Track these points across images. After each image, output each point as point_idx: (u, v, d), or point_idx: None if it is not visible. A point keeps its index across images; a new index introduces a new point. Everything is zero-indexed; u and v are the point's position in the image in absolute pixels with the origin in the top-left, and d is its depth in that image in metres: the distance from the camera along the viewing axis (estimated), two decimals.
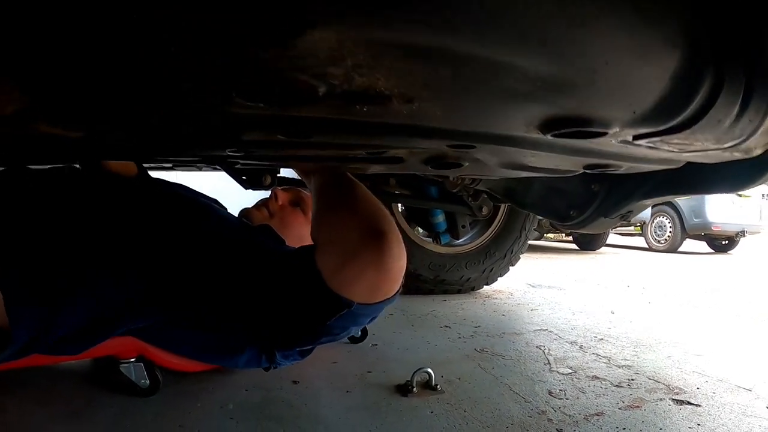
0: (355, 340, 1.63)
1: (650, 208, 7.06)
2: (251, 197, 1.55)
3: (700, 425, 1.12)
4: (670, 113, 0.51)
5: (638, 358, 1.60)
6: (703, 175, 1.10)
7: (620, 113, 0.50)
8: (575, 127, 0.51)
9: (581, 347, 1.69)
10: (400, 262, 0.96)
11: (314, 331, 1.05)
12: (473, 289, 2.70)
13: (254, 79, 0.46)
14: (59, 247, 0.95)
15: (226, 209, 1.38)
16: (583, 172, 1.17)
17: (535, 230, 7.92)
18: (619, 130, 0.53)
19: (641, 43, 0.41)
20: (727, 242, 8.00)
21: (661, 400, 1.25)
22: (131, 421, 1.02)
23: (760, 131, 0.59)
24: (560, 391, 1.27)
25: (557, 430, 1.05)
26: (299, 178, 1.23)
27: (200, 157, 0.99)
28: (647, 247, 7.92)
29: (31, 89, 0.51)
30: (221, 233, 1.16)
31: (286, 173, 1.38)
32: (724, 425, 1.12)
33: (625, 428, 1.08)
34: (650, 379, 1.40)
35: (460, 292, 2.64)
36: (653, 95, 0.48)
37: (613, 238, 8.54)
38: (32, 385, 1.19)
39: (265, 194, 1.56)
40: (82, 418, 1.03)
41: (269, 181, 1.78)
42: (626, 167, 0.84)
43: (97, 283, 0.94)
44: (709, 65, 0.47)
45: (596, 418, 1.12)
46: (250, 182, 1.96)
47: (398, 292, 1.02)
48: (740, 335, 2.04)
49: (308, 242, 1.07)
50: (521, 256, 2.73)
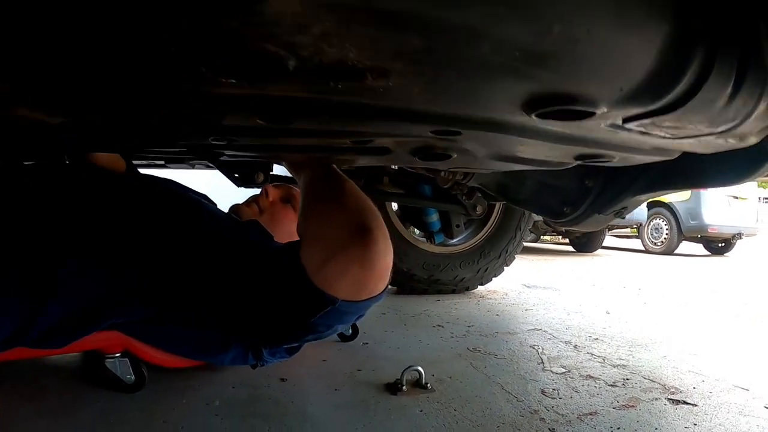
0: (345, 338, 1.60)
1: (647, 210, 7.06)
2: (245, 196, 1.54)
3: (696, 425, 1.09)
4: (659, 91, 0.49)
5: (633, 357, 1.58)
6: (699, 168, 1.08)
7: (606, 90, 0.48)
8: (560, 104, 0.49)
9: (575, 347, 1.67)
10: (386, 258, 0.94)
11: (299, 328, 1.03)
12: (468, 289, 2.67)
13: (222, 50, 0.44)
14: (44, 240, 0.94)
15: (215, 205, 1.37)
16: (576, 165, 1.16)
17: (531, 232, 7.96)
18: (606, 110, 0.51)
19: (626, 10, 0.39)
20: (723, 244, 8.00)
21: (656, 399, 1.23)
22: (116, 416, 1.01)
23: (754, 115, 0.57)
24: (553, 390, 1.24)
25: (549, 429, 1.02)
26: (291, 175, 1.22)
27: (185, 147, 0.97)
28: (644, 249, 7.91)
29: (10, 74, 0.50)
30: (208, 228, 1.14)
31: (278, 171, 1.36)
32: (721, 425, 1.10)
33: (619, 428, 1.05)
34: (645, 378, 1.37)
35: (454, 292, 2.61)
36: (641, 71, 0.46)
37: (609, 240, 8.54)
38: (18, 379, 1.18)
39: (257, 192, 1.55)
40: (67, 413, 1.02)
41: (262, 178, 1.78)
42: (619, 158, 0.81)
43: (82, 276, 0.94)
44: (699, 40, 0.45)
45: (590, 417, 1.09)
46: (242, 180, 1.95)
47: (385, 290, 1.00)
48: (737, 335, 2.02)
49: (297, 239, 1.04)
50: (517, 257, 2.71)
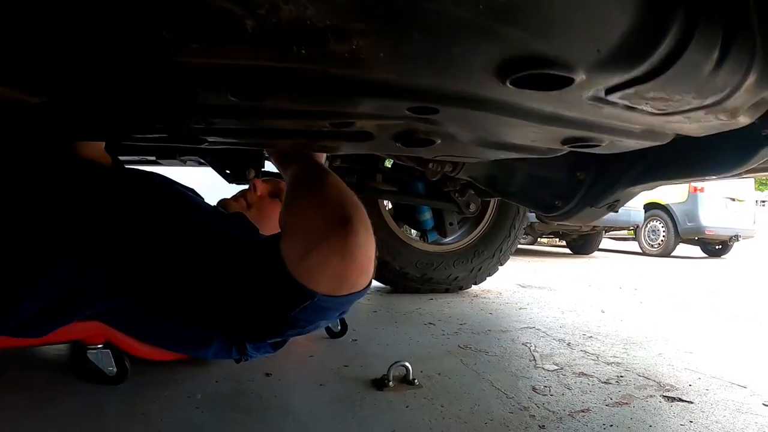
0: (334, 334, 1.56)
1: (644, 212, 7.03)
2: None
3: (692, 422, 1.06)
4: (638, 55, 0.46)
5: (628, 355, 1.54)
6: (691, 157, 1.05)
7: (582, 51, 0.45)
8: (534, 68, 0.46)
9: (569, 344, 1.63)
10: (367, 252, 0.90)
11: (279, 322, 1.01)
12: (461, 288, 2.64)
13: (179, 10, 0.42)
14: (24, 230, 0.94)
15: (202, 198, 1.35)
16: (566, 156, 1.13)
17: (528, 234, 7.91)
18: (585, 77, 0.49)
19: None
20: (720, 247, 7.99)
21: (651, 396, 1.19)
22: (96, 409, 1.00)
23: (744, 87, 0.54)
24: (545, 387, 1.21)
25: (539, 426, 0.98)
26: None
27: (166, 133, 0.94)
28: (640, 251, 7.90)
29: None
30: (192, 220, 1.13)
31: (270, 168, 1.35)
32: (717, 422, 1.06)
33: (612, 425, 1.02)
34: (640, 375, 1.34)
35: (447, 291, 2.57)
36: (618, 31, 0.43)
37: (606, 242, 8.53)
38: None
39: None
40: (48, 405, 1.01)
41: (253, 174, 1.76)
42: (608, 142, 0.78)
43: (62, 266, 0.93)
44: (678, 1, 0.43)
45: (582, 414, 1.06)
46: (234, 176, 1.93)
47: (368, 285, 0.97)
48: (735, 335, 1.98)
49: None
50: (512, 258, 2.68)
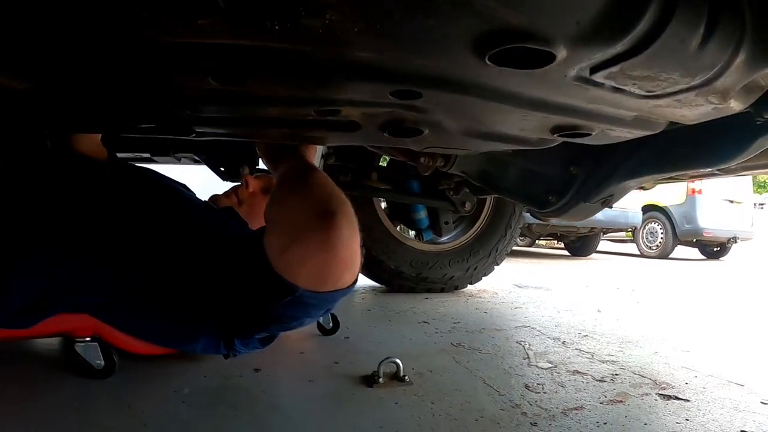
0: (326, 331, 1.55)
1: (641, 214, 7.02)
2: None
3: (688, 420, 1.04)
4: (621, 27, 0.45)
5: (623, 353, 1.52)
6: (687, 149, 1.04)
7: (561, 23, 0.44)
8: (511, 41, 0.45)
9: (564, 343, 1.61)
10: (350, 247, 0.88)
11: (263, 317, 1.00)
12: (457, 288, 2.62)
13: None
14: (12, 219, 0.96)
15: (193, 193, 1.36)
16: (559, 151, 1.11)
17: (526, 236, 7.88)
18: (567, 53, 0.47)
19: None
20: (718, 249, 7.99)
21: (646, 395, 1.17)
22: (82, 402, 0.98)
23: (733, 66, 0.52)
24: (538, 385, 1.18)
25: (531, 423, 0.96)
26: None
27: (152, 121, 0.93)
28: (639, 253, 7.89)
29: None
30: (181, 214, 1.13)
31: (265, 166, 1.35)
32: (714, 420, 1.04)
33: (606, 423, 0.99)
34: (635, 374, 1.32)
35: (443, 290, 2.55)
36: (597, 0, 0.42)
37: (604, 244, 8.52)
38: None
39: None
40: (33, 398, 1.00)
41: (247, 171, 1.76)
42: (599, 130, 0.76)
43: (46, 257, 0.95)
44: None
45: (575, 412, 1.03)
46: (228, 174, 1.93)
47: (354, 283, 0.95)
48: (734, 335, 1.96)
49: None
50: (510, 259, 2.67)
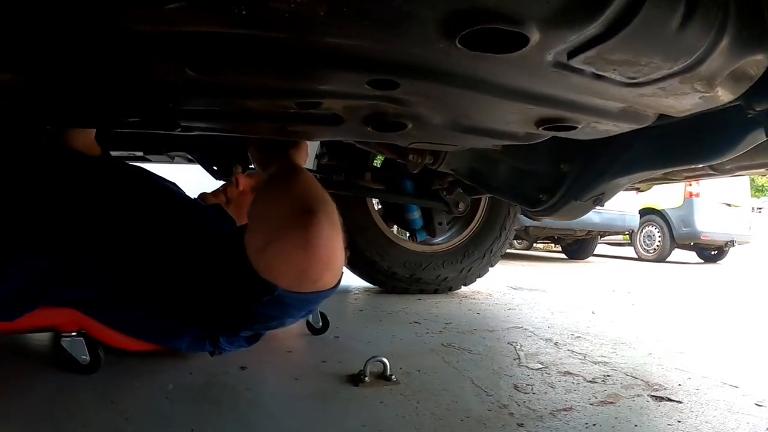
0: (315, 331, 1.53)
1: (639, 217, 7.01)
2: None
3: (680, 422, 1.01)
4: (592, 6, 0.44)
5: (616, 354, 1.50)
6: (678, 145, 1.02)
7: (530, 3, 0.43)
8: (481, 22, 0.43)
9: (556, 344, 1.59)
10: (330, 247, 0.86)
11: (244, 316, 0.98)
12: (451, 289, 2.59)
13: None
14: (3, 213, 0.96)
15: (182, 190, 1.35)
16: (549, 146, 1.09)
17: (523, 239, 7.84)
18: (539, 35, 0.46)
19: None
20: (716, 252, 7.98)
21: (638, 396, 1.15)
22: (66, 396, 0.98)
23: (718, 50, 0.51)
24: (527, 385, 1.16)
25: (518, 424, 0.94)
26: None
27: (136, 114, 0.91)
28: (636, 256, 7.88)
29: None
30: (170, 211, 1.14)
31: None
32: (707, 422, 1.02)
33: (595, 424, 0.97)
34: (628, 375, 1.29)
35: (437, 291, 2.53)
36: None
37: (602, 248, 8.50)
38: None
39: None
40: (17, 391, 1.00)
41: (239, 170, 1.74)
42: (585, 123, 0.75)
43: (31, 250, 0.95)
44: None
45: (564, 413, 1.01)
46: (221, 173, 1.91)
47: (336, 284, 0.94)
48: (730, 337, 1.94)
49: None
50: (506, 262, 2.64)
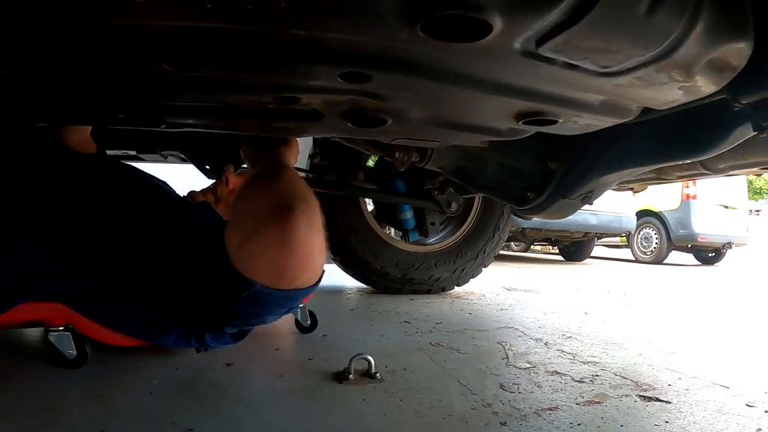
0: (304, 329, 1.53)
1: (636, 219, 7.00)
2: None
3: (668, 422, 1.00)
4: None
5: (606, 354, 1.49)
6: (664, 141, 1.02)
7: None
8: (442, 8, 0.43)
9: (546, 344, 1.58)
10: (307, 244, 0.86)
11: (224, 312, 0.98)
12: (444, 289, 2.58)
13: None
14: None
15: (172, 189, 1.35)
16: (535, 143, 1.09)
17: (521, 242, 7.83)
18: (503, 23, 0.45)
19: None
20: (713, 254, 7.97)
21: (626, 396, 1.14)
22: (52, 390, 0.99)
23: (692, 36, 0.50)
24: (513, 384, 1.15)
25: (501, 423, 0.93)
26: None
27: (125, 114, 0.91)
28: (633, 258, 7.87)
29: None
30: (159, 208, 1.15)
31: None
32: (696, 423, 1.01)
33: (580, 424, 0.96)
34: (617, 375, 1.28)
35: (429, 292, 2.52)
36: None
37: (599, 250, 8.49)
38: None
39: None
40: (3, 384, 1.01)
41: (231, 170, 1.74)
42: (565, 116, 0.74)
43: (17, 242, 0.95)
44: None
45: (549, 412, 1.00)
46: (214, 172, 1.91)
47: (316, 282, 0.94)
48: (725, 339, 1.92)
49: None
50: (502, 264, 2.63)
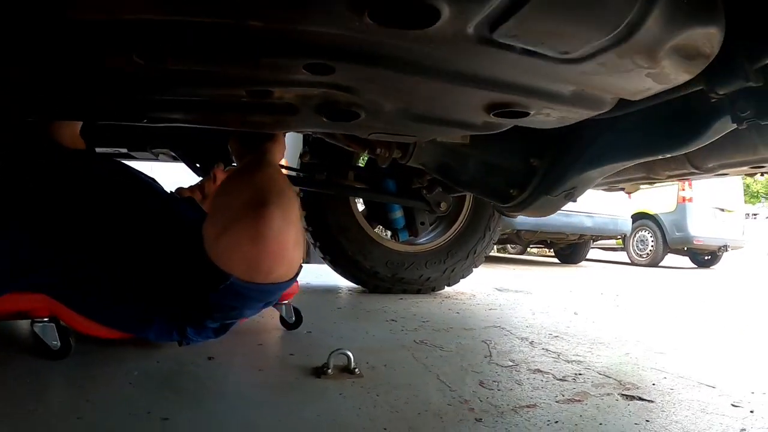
0: (288, 326, 1.52)
1: (631, 221, 7.00)
2: None
3: (648, 421, 0.99)
4: None
5: (592, 353, 1.48)
6: (645, 136, 1.02)
7: None
8: None
9: (531, 343, 1.56)
10: (281, 239, 0.90)
11: (202, 305, 0.99)
12: (434, 289, 2.57)
13: None
14: None
15: (161, 186, 1.37)
16: (516, 139, 1.08)
17: (517, 244, 7.82)
18: (449, 9, 0.46)
19: None
20: (709, 257, 7.98)
21: (607, 394, 1.12)
22: (34, 379, 1.01)
23: (649, 20, 0.49)
24: (493, 382, 1.14)
25: (476, 419, 0.92)
26: None
27: (109, 111, 0.91)
28: (629, 261, 7.88)
29: None
30: (145, 203, 1.17)
31: None
32: (677, 422, 0.99)
33: (557, 421, 0.95)
34: (600, 374, 1.27)
35: (420, 291, 2.50)
36: None
37: (594, 253, 8.50)
38: None
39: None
40: None
41: (222, 168, 1.74)
42: (537, 108, 0.73)
43: (7, 234, 0.98)
44: None
45: (526, 410, 0.99)
46: (204, 170, 1.91)
47: (293, 277, 0.98)
48: (718, 339, 1.91)
49: None
50: (497, 266, 2.62)
